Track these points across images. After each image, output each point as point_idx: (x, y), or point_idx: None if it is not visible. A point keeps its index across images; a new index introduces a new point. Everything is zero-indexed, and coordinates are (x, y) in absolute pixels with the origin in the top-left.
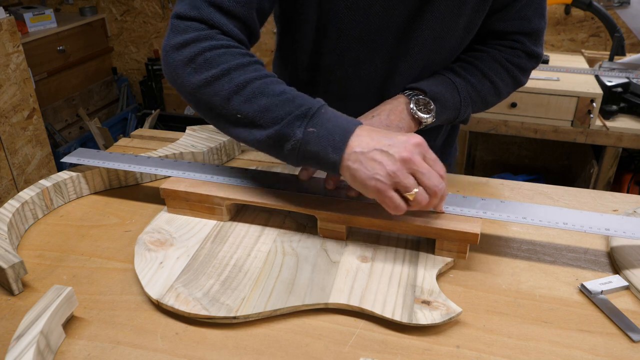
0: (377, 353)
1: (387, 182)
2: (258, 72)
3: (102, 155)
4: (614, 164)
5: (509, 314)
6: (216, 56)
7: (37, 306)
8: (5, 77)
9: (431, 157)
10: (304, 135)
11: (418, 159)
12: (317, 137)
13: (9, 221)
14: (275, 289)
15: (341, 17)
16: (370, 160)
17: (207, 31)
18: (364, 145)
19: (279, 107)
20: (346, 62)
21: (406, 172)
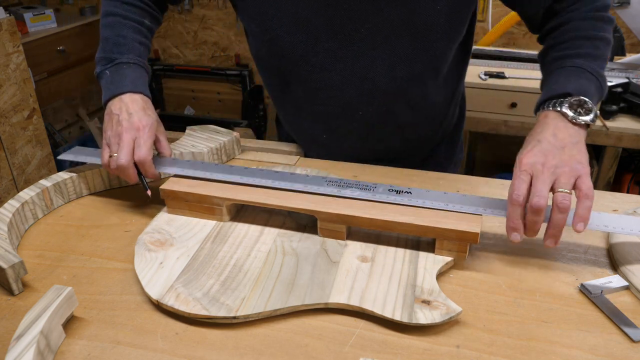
0: (377, 353)
1: (106, 140)
2: (126, 12)
3: (99, 153)
4: (614, 164)
5: (509, 314)
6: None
7: (37, 306)
8: (5, 77)
9: (139, 142)
10: (100, 72)
11: (125, 137)
12: (105, 79)
13: (9, 221)
14: (275, 289)
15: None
16: (110, 120)
17: None
18: (117, 108)
19: (110, 43)
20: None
21: (116, 142)
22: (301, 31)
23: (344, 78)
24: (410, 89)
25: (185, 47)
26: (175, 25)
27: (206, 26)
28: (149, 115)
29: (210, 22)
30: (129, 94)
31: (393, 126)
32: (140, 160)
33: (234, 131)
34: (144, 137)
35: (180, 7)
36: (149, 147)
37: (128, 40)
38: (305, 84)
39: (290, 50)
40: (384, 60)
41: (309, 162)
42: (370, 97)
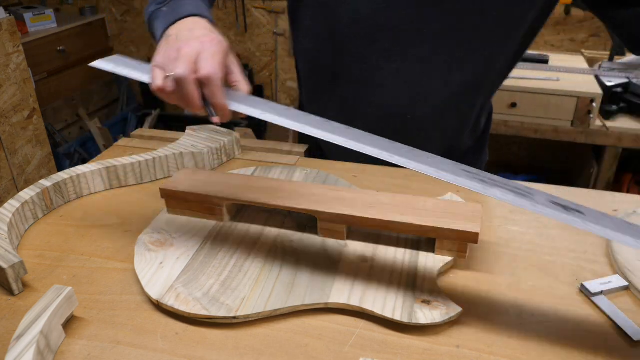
0: (377, 353)
1: (159, 62)
2: None
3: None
4: (614, 164)
5: (509, 314)
6: None
7: (37, 306)
8: (5, 77)
9: (204, 55)
10: (154, 11)
11: (186, 50)
12: (162, 16)
13: (9, 221)
14: (275, 289)
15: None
16: (165, 42)
17: None
18: (175, 30)
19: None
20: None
21: (174, 58)
22: (360, 28)
23: (397, 80)
24: (461, 96)
25: None
26: None
27: None
28: (217, 33)
29: None
30: (190, 18)
31: (438, 131)
32: (206, 75)
33: (234, 131)
34: (211, 51)
35: None
36: (218, 62)
37: None
38: (357, 83)
39: (346, 47)
40: (441, 65)
41: (309, 162)
42: (421, 101)
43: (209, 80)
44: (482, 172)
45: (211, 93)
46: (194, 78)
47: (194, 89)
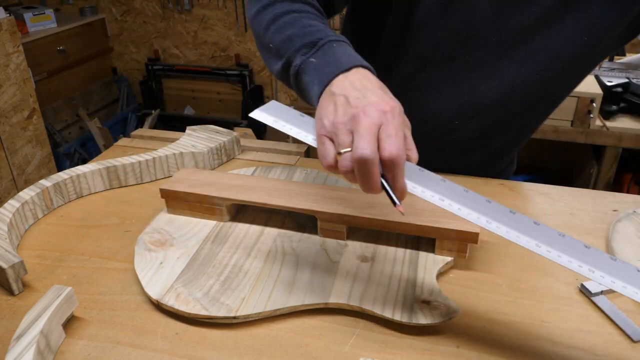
0: (377, 353)
1: (328, 129)
2: (299, 6)
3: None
4: (614, 164)
5: (509, 314)
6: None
7: (37, 306)
8: (5, 77)
9: (388, 130)
10: (302, 63)
11: (366, 121)
12: (313, 68)
13: (9, 221)
14: (275, 289)
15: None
16: (331, 103)
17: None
18: (340, 88)
19: (299, 38)
20: (427, 71)
21: (348, 130)
22: (427, 28)
23: (453, 87)
24: (518, 119)
25: (185, 47)
26: (175, 25)
27: (206, 26)
28: (391, 95)
29: (210, 22)
30: (354, 70)
31: (484, 148)
32: (392, 157)
33: (233, 131)
34: (395, 123)
35: (180, 7)
36: (402, 138)
37: (319, 27)
38: (411, 85)
39: (410, 48)
40: (502, 77)
41: (309, 162)
42: (475, 117)
43: (394, 162)
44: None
45: (394, 176)
46: (379, 158)
47: (377, 172)
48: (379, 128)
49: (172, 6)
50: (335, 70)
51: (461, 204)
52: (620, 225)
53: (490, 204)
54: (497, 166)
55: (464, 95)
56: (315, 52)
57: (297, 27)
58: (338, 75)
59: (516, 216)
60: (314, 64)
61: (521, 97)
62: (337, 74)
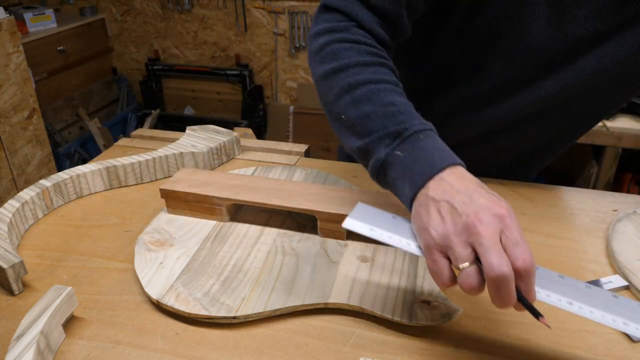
0: (377, 353)
1: (438, 242)
2: (376, 74)
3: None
4: (614, 164)
5: (509, 314)
6: (342, 50)
7: (37, 306)
8: (5, 77)
9: (512, 236)
10: (387, 157)
11: (487, 232)
12: (400, 164)
13: (9, 221)
14: (275, 289)
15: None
16: (435, 211)
17: (344, 23)
18: (440, 192)
19: (379, 118)
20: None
21: (464, 241)
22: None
23: (498, 103)
24: (554, 145)
25: (185, 47)
26: (175, 25)
27: (206, 26)
28: (495, 193)
29: (210, 22)
30: (448, 169)
31: (515, 155)
32: (527, 266)
33: (233, 131)
34: (516, 227)
35: (180, 7)
36: (527, 244)
37: (401, 106)
38: (466, 94)
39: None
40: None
41: (309, 162)
42: (514, 128)
43: (528, 271)
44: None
45: (527, 287)
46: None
47: (513, 287)
48: (500, 235)
49: (172, 6)
50: (428, 171)
51: (591, 304)
52: (620, 225)
53: (616, 299)
54: (525, 172)
55: (507, 105)
56: (400, 144)
57: (376, 104)
58: (433, 177)
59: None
60: (400, 159)
61: (562, 109)
62: (431, 175)
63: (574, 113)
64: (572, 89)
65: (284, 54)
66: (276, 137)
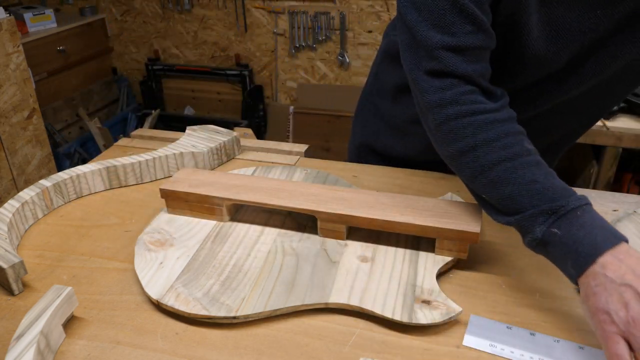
0: (377, 353)
1: (621, 328)
2: (505, 149)
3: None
4: (614, 164)
5: (509, 313)
6: (461, 127)
7: (37, 306)
8: (5, 77)
9: None
10: (544, 235)
11: None
12: (559, 242)
13: (9, 221)
14: (275, 289)
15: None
16: (615, 293)
17: (451, 91)
18: (620, 275)
19: (524, 197)
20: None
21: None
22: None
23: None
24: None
25: (185, 47)
26: (175, 25)
27: (206, 26)
28: None
29: (210, 22)
30: (614, 249)
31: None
32: None
33: (233, 131)
34: None
35: (180, 7)
36: None
37: (544, 182)
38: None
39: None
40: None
41: (309, 162)
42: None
43: None
44: None
45: None
46: None
47: None
48: None
49: (172, 6)
50: (593, 253)
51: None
52: (620, 225)
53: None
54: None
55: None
56: (556, 221)
57: (517, 183)
58: (599, 258)
59: None
60: (559, 237)
61: (566, 111)
62: (596, 257)
63: (577, 114)
64: (576, 92)
65: (284, 54)
66: (276, 137)
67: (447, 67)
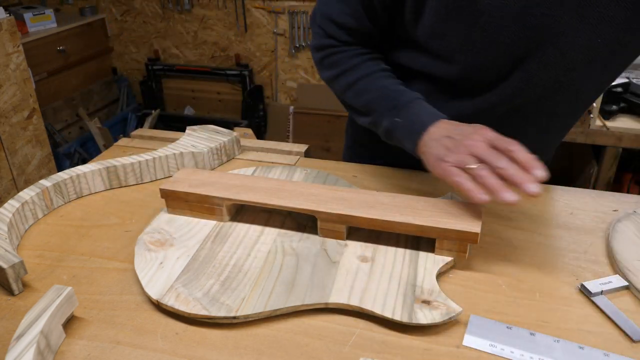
0: (377, 353)
1: (448, 160)
2: (366, 69)
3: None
4: (614, 164)
5: (509, 314)
6: (336, 60)
7: (37, 306)
8: (5, 77)
9: (502, 144)
10: (390, 124)
11: (474, 138)
12: (401, 127)
13: (9, 221)
14: (275, 289)
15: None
16: (439, 144)
17: (329, 40)
18: (438, 135)
19: (377, 101)
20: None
21: (464, 149)
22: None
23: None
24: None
25: (185, 47)
26: (175, 25)
27: (206, 26)
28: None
29: (210, 22)
30: (437, 122)
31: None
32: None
33: (233, 131)
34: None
35: (180, 7)
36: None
37: (391, 87)
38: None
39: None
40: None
41: (309, 162)
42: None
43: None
44: None
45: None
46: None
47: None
48: (481, 138)
49: (172, 6)
50: (421, 129)
51: None
52: (620, 225)
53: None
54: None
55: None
56: (398, 113)
57: (372, 92)
58: (427, 129)
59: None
60: (400, 123)
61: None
62: (425, 129)
63: (547, 108)
64: (539, 80)
65: (284, 54)
66: (276, 137)
67: (330, 32)
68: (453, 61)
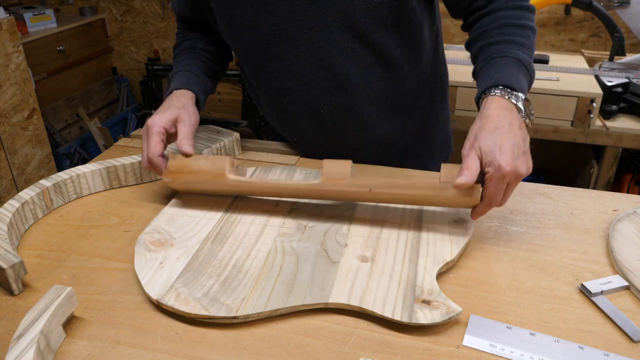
0: (377, 353)
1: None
2: (186, 44)
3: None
4: (614, 164)
5: (509, 314)
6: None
7: (37, 306)
8: (5, 77)
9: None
10: (170, 76)
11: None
12: (169, 81)
13: (9, 221)
14: (275, 289)
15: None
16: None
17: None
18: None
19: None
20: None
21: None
22: (251, 40)
23: (298, 80)
24: (364, 84)
25: None
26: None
27: None
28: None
29: None
30: (175, 91)
31: (355, 122)
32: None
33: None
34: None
35: None
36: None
37: (181, 62)
38: (266, 90)
39: (246, 60)
40: (333, 59)
41: (309, 162)
42: (327, 95)
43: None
44: None
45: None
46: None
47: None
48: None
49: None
50: (170, 88)
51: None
52: (620, 225)
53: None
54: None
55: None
56: (171, 78)
57: (176, 62)
58: (169, 95)
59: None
60: (169, 79)
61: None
62: (168, 94)
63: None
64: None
65: None
66: None
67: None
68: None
